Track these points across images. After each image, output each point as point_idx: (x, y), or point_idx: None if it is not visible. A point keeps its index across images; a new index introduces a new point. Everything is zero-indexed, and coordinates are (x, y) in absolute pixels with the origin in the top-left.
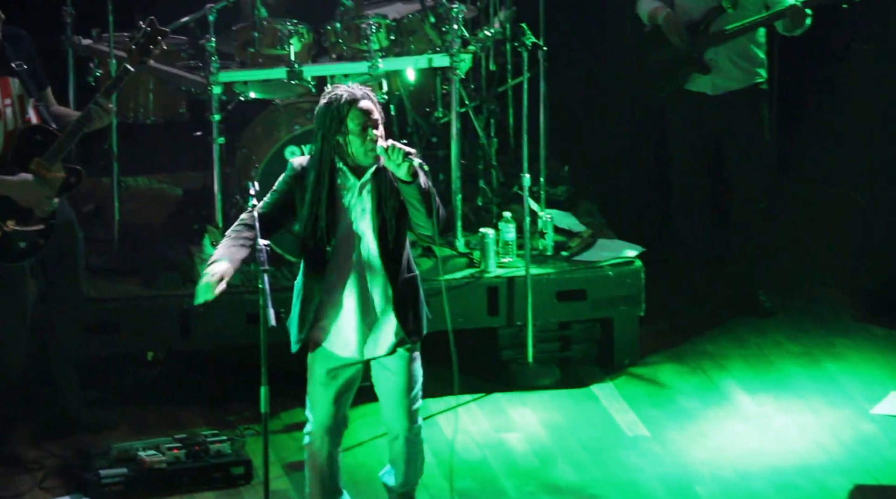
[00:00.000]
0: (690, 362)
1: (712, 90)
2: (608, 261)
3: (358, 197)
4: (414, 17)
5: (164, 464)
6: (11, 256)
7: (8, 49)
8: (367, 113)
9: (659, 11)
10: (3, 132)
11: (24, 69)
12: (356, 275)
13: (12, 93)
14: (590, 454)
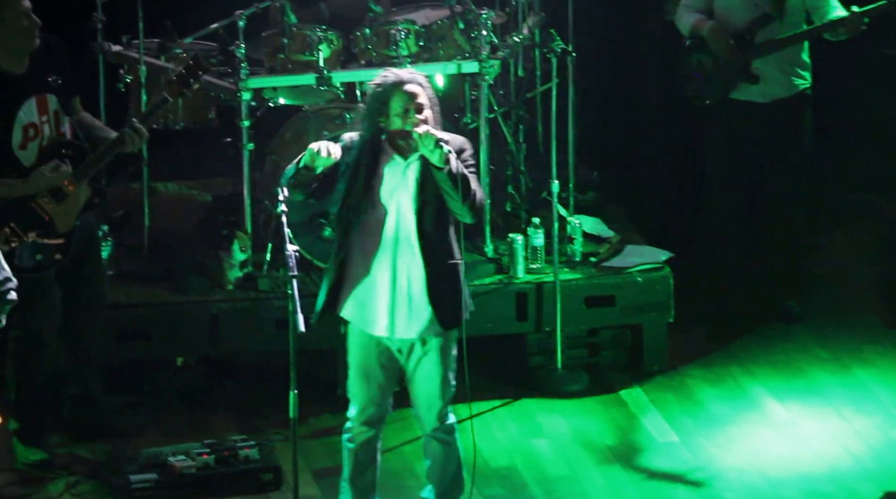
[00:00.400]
0: (720, 369)
1: (762, 98)
2: (637, 267)
3: (402, 177)
4: (443, 23)
5: (194, 469)
6: (28, 267)
7: (43, 62)
8: (411, 97)
9: (703, 24)
10: (38, 148)
11: (59, 84)
12: (391, 253)
13: (49, 109)
14: (619, 460)
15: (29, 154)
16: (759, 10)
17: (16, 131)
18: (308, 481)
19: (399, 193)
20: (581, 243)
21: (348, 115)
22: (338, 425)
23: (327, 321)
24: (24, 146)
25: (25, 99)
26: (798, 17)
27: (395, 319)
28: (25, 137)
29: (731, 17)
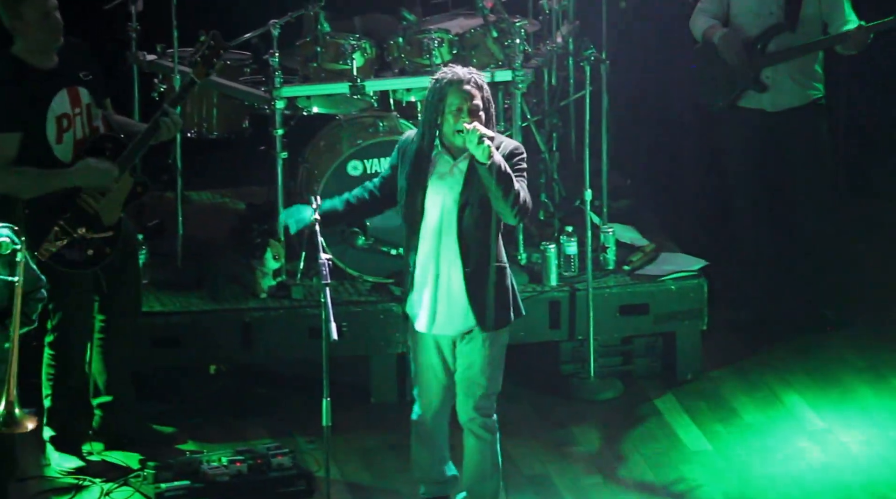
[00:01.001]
0: (754, 377)
1: (772, 107)
2: (671, 275)
3: (450, 177)
4: (476, 32)
5: (226, 477)
6: (79, 263)
7: (72, 59)
8: (466, 97)
9: (714, 30)
10: (72, 141)
11: (90, 78)
12: (437, 253)
13: (82, 102)
14: (653, 469)
15: (66, 148)
16: (773, 19)
17: (49, 123)
18: (341, 489)
19: (446, 191)
20: (614, 252)
21: (381, 124)
22: (371, 433)
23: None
24: (59, 139)
25: (56, 91)
26: (813, 28)
27: (436, 315)
28: (59, 129)
29: (745, 24)
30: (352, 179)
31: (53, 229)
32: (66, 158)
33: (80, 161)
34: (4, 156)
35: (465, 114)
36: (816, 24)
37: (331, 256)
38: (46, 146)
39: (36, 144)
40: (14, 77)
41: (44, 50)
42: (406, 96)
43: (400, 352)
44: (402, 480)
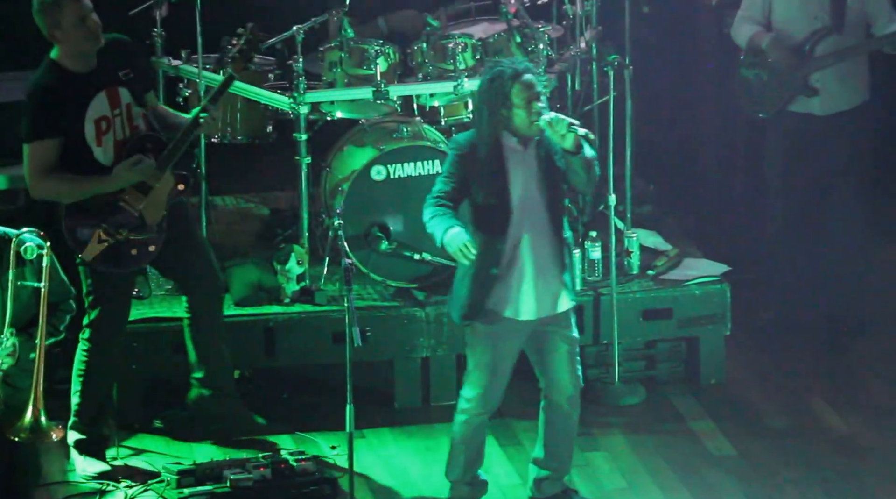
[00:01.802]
0: (778, 381)
1: (821, 111)
2: (694, 280)
3: (526, 164)
4: (500, 37)
5: (250, 482)
6: (124, 263)
7: (113, 58)
8: (530, 86)
9: (761, 37)
10: (113, 142)
11: (131, 77)
12: (529, 241)
13: (121, 102)
14: (676, 474)
15: (106, 150)
16: (819, 23)
17: (88, 127)
18: (365, 494)
19: (526, 181)
20: (638, 256)
21: (405, 129)
22: (394, 438)
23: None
24: (99, 142)
25: (95, 94)
26: (858, 30)
27: (539, 302)
28: (98, 131)
29: (790, 29)
30: (375, 183)
31: (97, 233)
32: (107, 160)
33: (115, 169)
34: (45, 162)
35: (535, 104)
36: (861, 25)
37: (354, 260)
38: (87, 150)
39: (76, 149)
40: (53, 84)
41: (83, 54)
42: (429, 101)
43: (424, 356)
44: (425, 485)
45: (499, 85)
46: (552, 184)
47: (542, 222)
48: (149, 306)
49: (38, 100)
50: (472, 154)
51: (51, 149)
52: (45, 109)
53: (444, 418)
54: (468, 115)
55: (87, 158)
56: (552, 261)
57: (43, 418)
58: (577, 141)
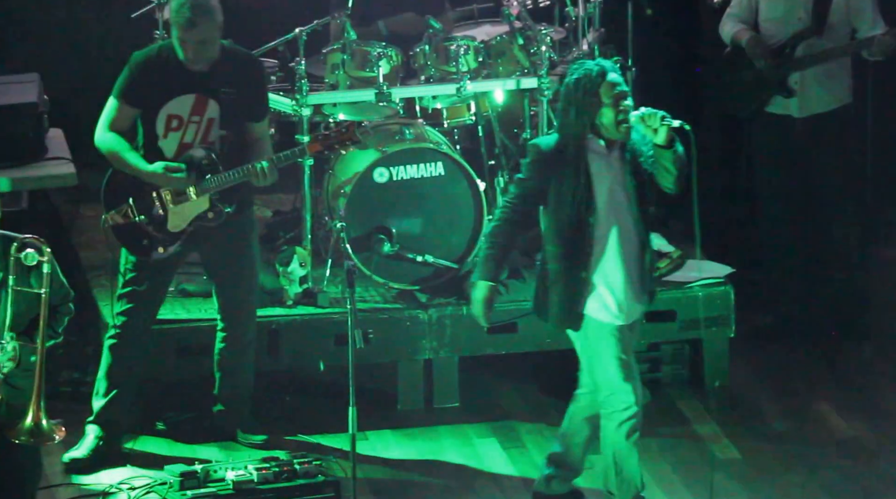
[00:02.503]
0: (782, 384)
1: (799, 113)
2: (698, 282)
3: (611, 168)
4: (502, 40)
5: (252, 485)
6: (132, 246)
7: (230, 73)
8: (617, 85)
9: (743, 34)
10: (178, 141)
11: (231, 97)
12: (618, 244)
13: (205, 113)
14: (681, 477)
15: (170, 144)
16: (801, 24)
17: (161, 115)
18: (367, 495)
19: (613, 184)
20: None
21: (407, 131)
22: (397, 440)
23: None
24: (165, 135)
25: (184, 92)
26: (842, 33)
27: (630, 305)
28: (167, 126)
29: (774, 30)
30: (378, 186)
31: (125, 207)
32: (168, 153)
33: (156, 164)
34: (115, 120)
35: (623, 102)
36: (845, 29)
37: (356, 262)
38: (154, 135)
39: (147, 129)
40: (154, 61)
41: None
42: (432, 103)
43: (426, 358)
44: (428, 486)
45: (586, 83)
46: (639, 189)
47: (628, 227)
48: None
49: (134, 66)
50: (554, 158)
51: (124, 112)
52: (135, 78)
53: (446, 421)
54: (470, 117)
55: (152, 143)
56: (637, 266)
57: (44, 420)
58: (669, 134)
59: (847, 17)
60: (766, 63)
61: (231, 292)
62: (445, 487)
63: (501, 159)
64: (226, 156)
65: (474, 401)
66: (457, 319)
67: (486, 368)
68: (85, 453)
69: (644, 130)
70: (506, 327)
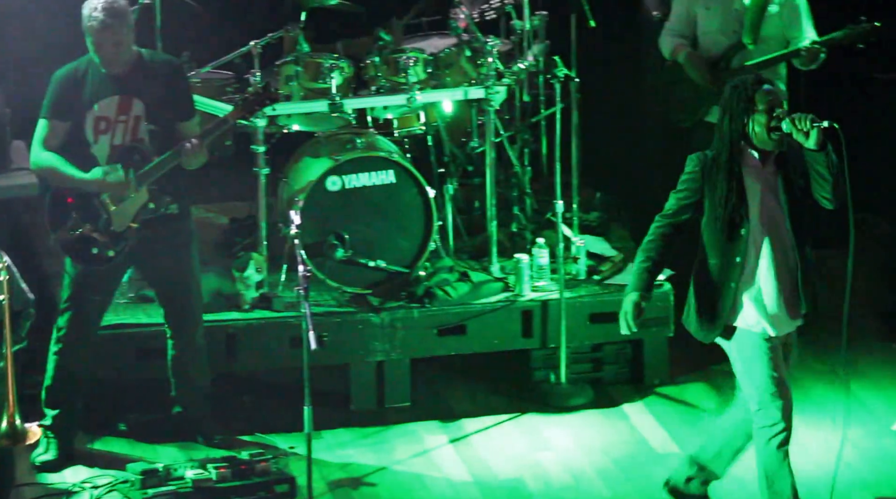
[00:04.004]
0: (718, 381)
1: None
2: None
3: (766, 181)
4: (450, 51)
5: (212, 482)
6: (84, 258)
7: (150, 74)
8: (772, 93)
9: (680, 49)
10: (108, 144)
11: (154, 96)
12: (771, 257)
13: (130, 112)
14: (622, 471)
15: (101, 148)
16: (736, 37)
17: (88, 120)
18: (322, 492)
19: (764, 193)
20: (585, 262)
21: (359, 141)
22: (350, 438)
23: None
24: (96, 139)
25: (108, 95)
26: (775, 45)
27: (780, 318)
28: (97, 130)
29: (711, 43)
30: (330, 194)
31: (70, 219)
32: (101, 158)
33: (93, 170)
34: (48, 139)
35: (777, 110)
36: (779, 41)
37: (311, 268)
38: (85, 142)
39: (77, 137)
40: (75, 74)
41: (105, 66)
42: (383, 114)
43: (379, 360)
44: (380, 483)
45: (742, 91)
46: (792, 203)
47: (782, 241)
48: (113, 313)
49: (56, 83)
50: (709, 166)
51: (56, 129)
52: (59, 93)
53: (398, 420)
54: (420, 126)
55: (84, 150)
56: (790, 280)
57: (17, 422)
58: (821, 137)
59: (781, 29)
60: (702, 76)
61: (175, 300)
62: (397, 483)
63: (450, 167)
64: (157, 148)
65: (425, 401)
66: (408, 322)
67: (436, 368)
68: (53, 455)
69: (796, 134)
70: (455, 329)
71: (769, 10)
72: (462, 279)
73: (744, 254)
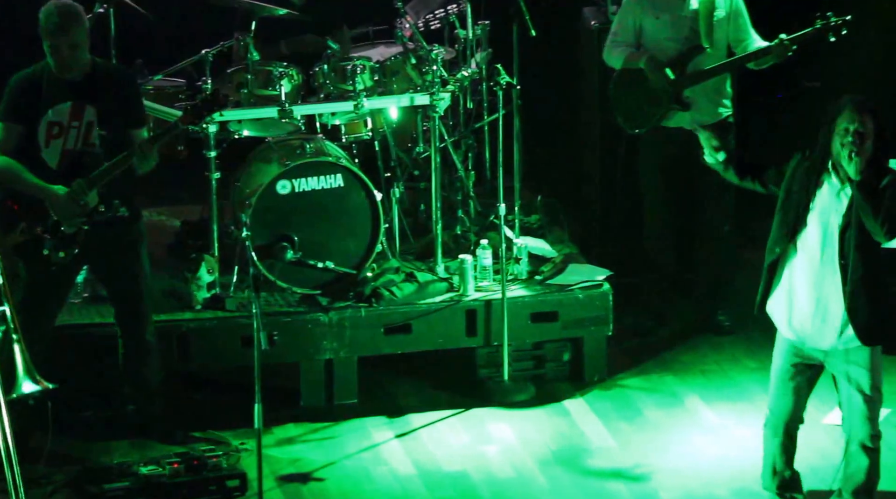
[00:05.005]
0: (655, 378)
1: (691, 125)
2: (578, 284)
3: (836, 198)
4: (396, 59)
5: (165, 477)
6: (34, 260)
7: (102, 82)
8: (855, 118)
9: (638, 56)
10: (60, 148)
11: (106, 103)
12: (817, 270)
13: (83, 118)
14: (562, 465)
15: (52, 153)
16: (689, 43)
17: (42, 125)
18: (272, 487)
19: (831, 212)
20: (526, 263)
21: (308, 146)
22: (300, 434)
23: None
24: (47, 144)
25: (62, 101)
26: (722, 49)
27: (811, 328)
28: (49, 134)
29: (661, 51)
30: (281, 197)
31: (21, 225)
32: (52, 161)
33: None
34: (6, 144)
35: (849, 137)
36: (725, 43)
37: (261, 269)
38: (37, 146)
39: (29, 142)
40: (30, 77)
41: (59, 71)
42: (331, 120)
43: (328, 358)
44: (329, 477)
45: (833, 108)
46: (854, 225)
47: (831, 264)
48: (67, 313)
49: (13, 86)
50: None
51: (10, 132)
52: (15, 96)
53: (346, 416)
54: (367, 132)
55: (35, 154)
56: (830, 304)
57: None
58: (858, 167)
59: (727, 33)
60: (663, 81)
61: (126, 300)
62: (345, 476)
63: (397, 172)
64: (107, 152)
65: (372, 397)
66: (356, 321)
67: (383, 366)
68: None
69: (842, 160)
70: (401, 328)
71: (716, 15)
72: (408, 280)
73: (793, 261)
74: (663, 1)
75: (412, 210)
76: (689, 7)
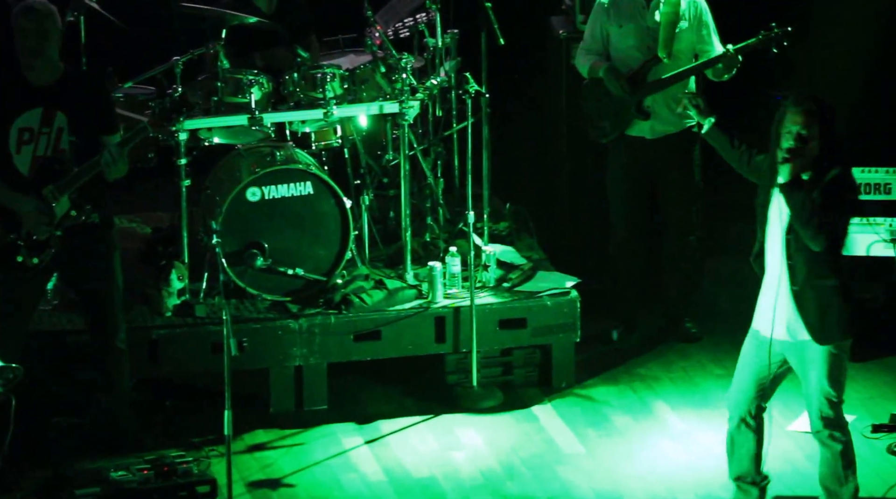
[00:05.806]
0: (622, 384)
1: (651, 135)
2: (547, 291)
3: (779, 199)
4: (366, 68)
5: (135, 484)
6: (7, 266)
7: (72, 88)
8: (798, 121)
9: (599, 65)
10: (31, 154)
11: (78, 109)
12: (777, 266)
13: (53, 124)
14: (530, 471)
15: (23, 159)
16: (652, 53)
17: (12, 131)
18: (242, 492)
19: (778, 220)
20: (495, 270)
21: (278, 153)
22: (270, 440)
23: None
24: (18, 150)
25: (33, 107)
26: (685, 60)
27: (773, 322)
28: (20, 141)
29: (626, 59)
30: (251, 204)
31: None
32: (23, 168)
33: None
34: None
35: (789, 140)
36: (689, 55)
37: (231, 276)
38: (7, 153)
39: (0, 149)
40: (4, 85)
41: (29, 68)
42: (301, 127)
43: (297, 364)
44: (298, 483)
45: (780, 110)
46: (788, 237)
47: (782, 259)
48: (38, 320)
49: None
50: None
51: None
52: None
53: (315, 422)
54: (337, 140)
55: (7, 161)
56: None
57: None
58: (790, 173)
59: (691, 44)
60: (623, 90)
61: (96, 307)
62: (315, 483)
63: (366, 179)
64: (78, 159)
65: (342, 403)
66: (325, 328)
67: (352, 373)
68: None
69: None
70: (371, 335)
71: (679, 25)
72: (377, 287)
73: (764, 260)
74: (628, 10)
75: (381, 217)
76: (652, 18)
